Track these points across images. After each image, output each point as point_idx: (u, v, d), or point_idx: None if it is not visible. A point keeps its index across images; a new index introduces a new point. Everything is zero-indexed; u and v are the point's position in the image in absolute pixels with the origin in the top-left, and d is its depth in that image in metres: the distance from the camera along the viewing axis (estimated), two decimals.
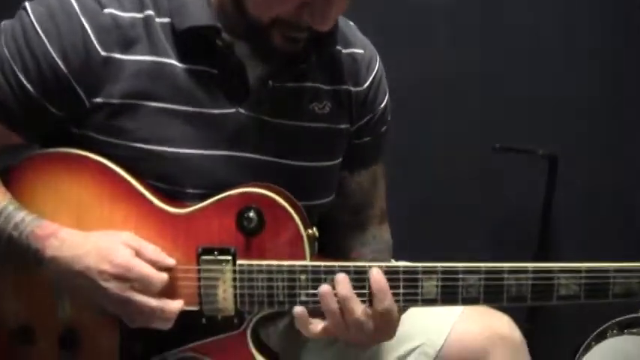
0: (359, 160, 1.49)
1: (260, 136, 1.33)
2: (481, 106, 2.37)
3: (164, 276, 1.23)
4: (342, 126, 1.42)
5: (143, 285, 1.21)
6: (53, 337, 1.31)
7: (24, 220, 1.24)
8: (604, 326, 1.99)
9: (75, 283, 1.22)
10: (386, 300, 1.22)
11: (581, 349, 1.95)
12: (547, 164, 2.22)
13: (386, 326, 1.25)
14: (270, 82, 1.32)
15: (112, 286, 1.20)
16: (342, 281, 1.22)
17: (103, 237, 1.24)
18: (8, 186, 1.29)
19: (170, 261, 1.25)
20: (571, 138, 2.36)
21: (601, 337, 1.96)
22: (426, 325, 1.45)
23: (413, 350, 1.46)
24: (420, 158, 2.37)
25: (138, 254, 1.22)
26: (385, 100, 1.49)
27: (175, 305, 1.24)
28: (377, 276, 1.22)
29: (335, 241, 1.50)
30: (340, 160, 1.44)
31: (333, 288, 1.22)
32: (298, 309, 1.23)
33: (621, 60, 2.39)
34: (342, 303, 1.22)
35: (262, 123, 1.33)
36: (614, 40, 2.39)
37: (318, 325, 1.25)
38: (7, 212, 1.24)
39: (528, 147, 2.24)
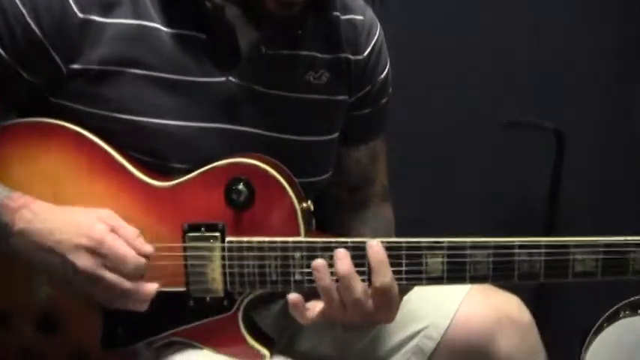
0: (358, 134, 1.41)
1: (252, 107, 1.25)
2: (487, 80, 2.30)
3: (141, 260, 1.14)
4: (340, 97, 1.34)
5: (116, 264, 1.13)
6: (31, 321, 1.24)
7: None
8: (616, 307, 1.94)
9: (45, 259, 1.14)
10: (386, 275, 1.14)
11: (592, 331, 1.89)
12: (554, 139, 2.16)
13: (386, 306, 1.17)
14: (263, 49, 1.24)
15: (83, 262, 1.12)
16: (343, 257, 1.14)
17: (79, 212, 1.16)
18: None
19: (148, 248, 1.16)
20: (578, 112, 2.30)
21: (613, 318, 1.91)
22: (430, 306, 1.40)
23: (416, 334, 1.40)
24: (424, 134, 2.30)
25: (114, 232, 1.14)
26: (386, 70, 1.41)
27: (151, 287, 1.16)
28: (376, 248, 1.14)
29: (333, 220, 1.42)
30: (338, 134, 1.36)
31: (330, 266, 1.14)
32: (292, 296, 1.15)
33: (629, 30, 2.32)
34: (342, 281, 1.13)
35: (254, 93, 1.25)
36: (617, 12, 2.32)
37: (315, 309, 1.17)
38: None
39: (535, 122, 2.18)
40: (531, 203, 2.29)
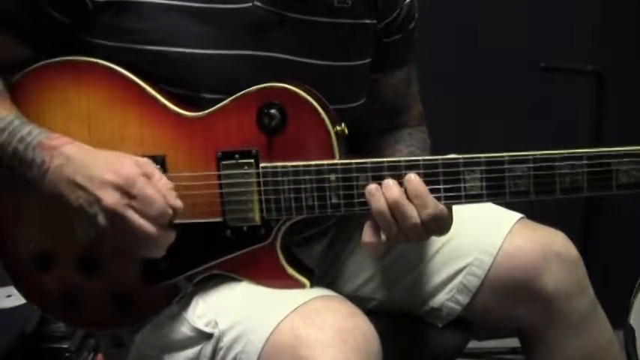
0: (391, 60, 1.40)
1: (279, 33, 1.23)
2: (527, 24, 2.26)
3: (167, 208, 1.11)
4: (368, 21, 1.32)
5: (143, 206, 1.09)
6: (73, 262, 1.23)
7: (31, 132, 1.15)
8: None
9: (75, 196, 1.12)
10: (428, 206, 1.12)
11: None
12: (595, 82, 2.11)
13: (438, 228, 1.15)
14: None
15: (109, 198, 1.09)
16: (391, 185, 1.13)
17: (118, 154, 1.15)
18: (13, 101, 1.20)
19: (178, 202, 1.12)
20: (618, 54, 2.25)
21: None
22: (473, 243, 1.37)
23: (460, 271, 1.38)
24: (464, 78, 2.26)
25: (147, 178, 1.12)
26: None
27: (171, 235, 1.13)
28: (414, 182, 1.12)
29: (369, 147, 1.40)
30: (369, 60, 1.34)
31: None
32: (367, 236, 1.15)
33: None
34: (394, 208, 1.12)
35: (283, 18, 1.23)
36: None
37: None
38: (13, 126, 1.15)
39: (575, 65, 2.12)
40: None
